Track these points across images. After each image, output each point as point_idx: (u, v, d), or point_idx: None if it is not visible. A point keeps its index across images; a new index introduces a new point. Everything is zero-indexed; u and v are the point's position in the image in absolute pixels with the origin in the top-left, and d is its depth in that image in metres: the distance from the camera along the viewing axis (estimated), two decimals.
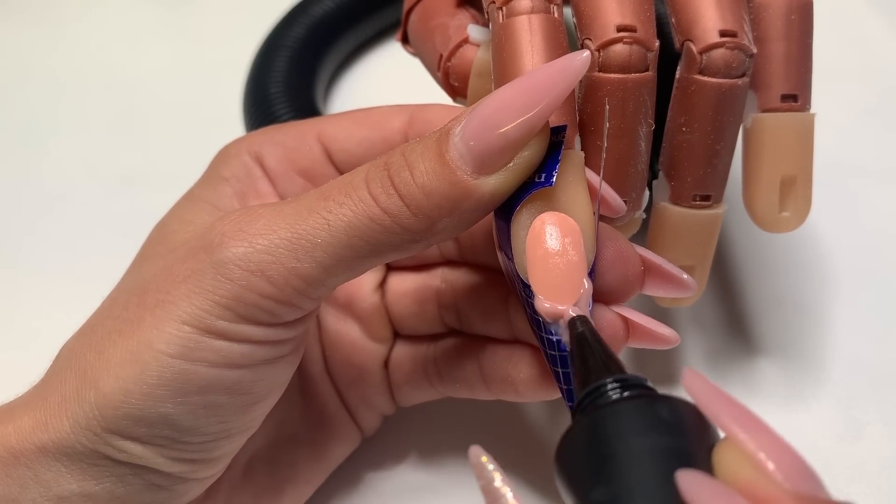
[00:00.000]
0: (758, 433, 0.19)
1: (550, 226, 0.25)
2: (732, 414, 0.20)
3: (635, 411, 0.20)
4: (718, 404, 0.20)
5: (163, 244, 0.29)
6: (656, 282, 0.28)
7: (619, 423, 0.20)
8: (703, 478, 0.18)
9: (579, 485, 0.20)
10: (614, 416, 0.20)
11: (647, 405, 0.20)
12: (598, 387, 0.21)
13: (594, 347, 0.23)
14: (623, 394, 0.21)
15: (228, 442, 0.27)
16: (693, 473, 0.18)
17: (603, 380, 0.21)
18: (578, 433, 0.21)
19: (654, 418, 0.20)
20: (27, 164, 0.50)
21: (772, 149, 0.31)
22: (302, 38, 0.50)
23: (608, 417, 0.20)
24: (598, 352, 0.23)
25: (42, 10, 0.59)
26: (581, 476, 0.20)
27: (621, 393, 0.21)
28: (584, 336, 0.24)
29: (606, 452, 0.20)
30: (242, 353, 0.25)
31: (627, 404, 0.20)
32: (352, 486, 0.35)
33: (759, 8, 0.31)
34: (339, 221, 0.24)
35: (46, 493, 0.26)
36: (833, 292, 0.41)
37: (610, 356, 0.23)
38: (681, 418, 0.20)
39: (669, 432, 0.20)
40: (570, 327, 0.25)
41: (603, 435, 0.20)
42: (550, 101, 0.24)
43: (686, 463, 0.19)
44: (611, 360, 0.23)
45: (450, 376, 0.32)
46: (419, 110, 0.31)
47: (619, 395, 0.21)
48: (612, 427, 0.20)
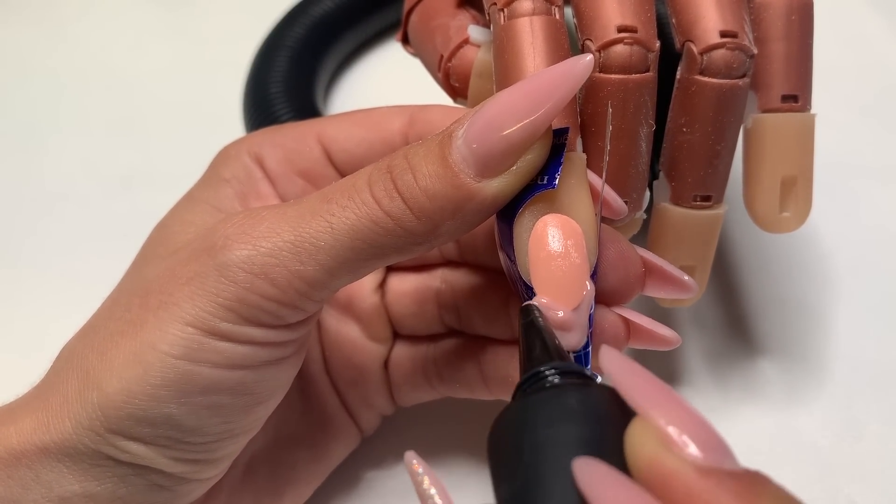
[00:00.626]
0: (667, 407, 0.19)
1: (553, 228, 0.25)
2: (644, 390, 0.19)
3: (542, 401, 0.20)
4: (631, 381, 0.20)
5: (163, 245, 0.29)
6: (657, 283, 0.28)
7: (527, 414, 0.20)
8: (597, 464, 0.18)
9: (494, 476, 0.20)
10: (523, 410, 0.20)
11: (555, 395, 0.20)
12: (537, 373, 0.21)
13: (541, 334, 0.23)
14: (552, 382, 0.21)
15: (231, 442, 0.27)
16: (588, 461, 0.18)
17: (539, 367, 0.21)
18: (508, 416, 0.21)
19: (560, 407, 0.19)
20: (27, 165, 0.50)
21: (772, 149, 0.31)
22: (302, 38, 0.50)
23: (518, 410, 0.20)
24: (543, 340, 0.23)
25: (42, 9, 0.59)
26: (495, 467, 0.20)
27: (550, 382, 0.21)
28: (532, 324, 0.24)
29: (515, 444, 0.19)
30: (245, 355, 0.25)
31: (537, 396, 0.20)
32: (352, 486, 0.36)
33: (759, 8, 0.31)
34: (342, 224, 0.24)
35: (48, 493, 0.26)
36: (833, 292, 0.41)
37: (555, 344, 0.23)
38: (592, 406, 0.20)
39: (576, 420, 0.19)
40: (522, 314, 0.24)
41: (514, 427, 0.20)
42: (554, 105, 0.24)
43: (591, 452, 0.18)
44: (554, 349, 0.22)
45: (450, 377, 0.32)
46: (419, 111, 0.31)
47: (544, 384, 0.21)
48: (521, 418, 0.20)
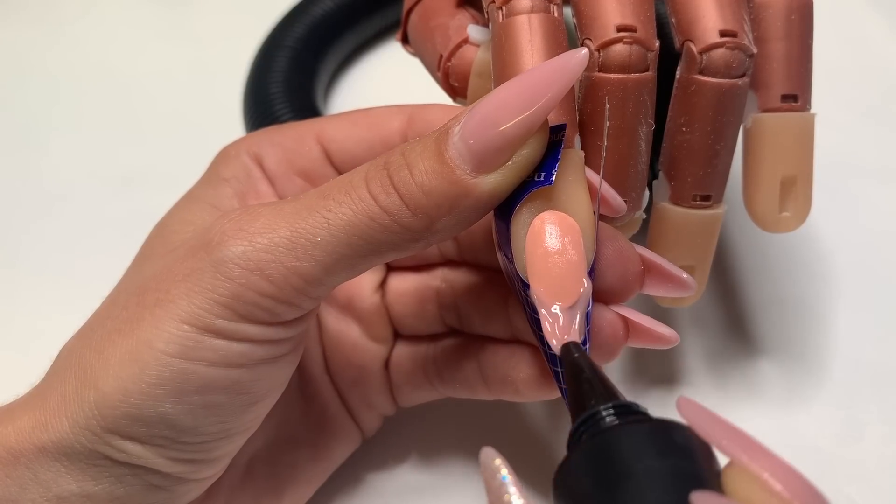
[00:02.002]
0: (760, 456, 0.20)
1: (550, 225, 0.25)
2: (733, 438, 0.20)
3: (650, 433, 0.20)
4: (719, 429, 0.20)
5: (163, 244, 0.29)
6: (656, 281, 0.28)
7: (635, 444, 0.20)
8: (718, 498, 0.18)
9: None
10: (629, 437, 0.20)
11: (661, 428, 0.20)
12: (596, 413, 0.21)
13: (589, 374, 0.23)
14: (624, 419, 0.21)
15: (228, 442, 0.27)
16: (708, 494, 0.18)
17: (599, 406, 0.21)
18: (584, 457, 0.20)
19: (668, 440, 0.20)
20: (27, 164, 0.50)
21: (772, 149, 0.31)
22: (302, 38, 0.50)
23: (623, 438, 0.20)
24: (593, 379, 0.23)
25: (41, 9, 0.59)
26: (591, 500, 0.20)
27: (620, 418, 0.21)
28: (578, 362, 0.24)
29: (622, 472, 0.19)
30: (242, 353, 0.25)
31: (640, 426, 0.20)
32: (353, 487, 0.35)
33: (759, 8, 0.31)
34: (338, 220, 0.24)
35: (46, 493, 0.26)
36: (833, 292, 0.41)
37: (606, 382, 0.23)
38: (691, 442, 0.20)
39: (683, 455, 0.20)
40: (564, 353, 0.25)
41: (617, 456, 0.20)
42: (549, 99, 0.24)
43: (699, 486, 0.19)
44: (607, 387, 0.22)
45: (450, 376, 0.32)
46: (418, 111, 0.31)
47: (619, 419, 0.21)
48: (628, 447, 0.20)
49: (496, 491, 0.21)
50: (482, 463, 0.21)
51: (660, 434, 0.20)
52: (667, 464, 0.19)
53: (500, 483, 0.21)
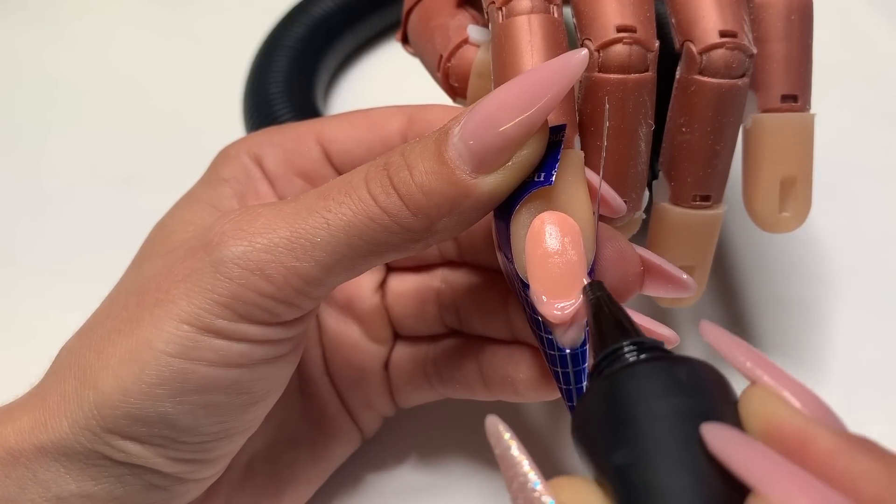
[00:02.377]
0: (779, 376, 0.20)
1: (550, 225, 0.25)
2: (754, 359, 0.21)
3: (652, 373, 0.20)
4: (740, 351, 0.21)
5: (162, 244, 0.29)
6: (656, 282, 0.28)
7: (637, 386, 0.20)
8: (727, 428, 0.18)
9: (599, 449, 0.20)
10: (632, 379, 0.20)
11: (665, 367, 0.20)
12: (615, 350, 0.21)
13: (610, 311, 0.23)
14: (640, 356, 0.21)
15: (227, 442, 0.27)
16: (717, 425, 0.18)
17: (618, 343, 0.21)
18: (595, 398, 0.21)
19: (671, 380, 0.20)
20: (27, 164, 0.50)
21: (772, 149, 0.31)
22: (302, 38, 0.50)
23: (626, 380, 0.20)
24: (614, 316, 0.23)
25: (41, 9, 0.59)
26: (600, 440, 0.20)
27: (638, 356, 0.21)
28: (599, 301, 0.24)
29: (626, 415, 0.19)
30: (241, 353, 0.25)
31: (644, 367, 0.20)
32: (352, 487, 0.36)
33: (759, 8, 0.31)
34: (338, 221, 0.24)
35: (45, 493, 0.26)
36: (833, 292, 0.41)
37: (627, 320, 0.23)
38: (699, 378, 0.20)
39: (687, 393, 0.20)
40: (586, 294, 0.24)
41: (621, 398, 0.20)
42: (549, 100, 0.24)
43: (708, 419, 0.19)
44: (628, 324, 0.22)
45: (450, 377, 0.32)
46: (418, 111, 0.31)
47: (636, 357, 0.21)
48: (631, 390, 0.20)
49: (509, 460, 0.20)
50: (489, 432, 0.21)
51: (664, 372, 0.20)
52: (669, 403, 0.19)
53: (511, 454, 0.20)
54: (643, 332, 0.22)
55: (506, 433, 0.21)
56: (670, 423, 0.19)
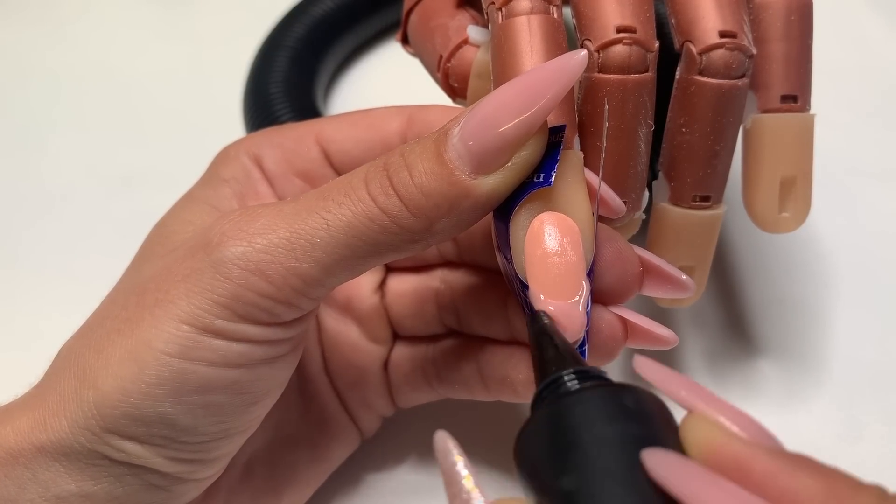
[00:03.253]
0: (715, 403, 0.21)
1: (549, 226, 0.25)
2: (690, 389, 0.21)
3: (598, 399, 0.20)
4: (675, 383, 0.21)
5: (162, 244, 0.29)
6: (655, 282, 0.28)
7: (584, 411, 0.20)
8: (666, 453, 0.19)
9: (543, 474, 0.20)
10: (578, 405, 0.20)
11: (610, 393, 0.20)
12: (557, 378, 0.21)
13: (554, 340, 0.23)
14: (583, 384, 0.21)
15: (227, 442, 0.27)
16: (657, 450, 0.19)
17: (561, 371, 0.22)
18: (540, 424, 0.21)
19: (616, 406, 0.20)
20: (27, 164, 0.50)
21: (772, 149, 0.31)
22: (302, 38, 0.50)
23: (572, 406, 0.20)
24: (557, 344, 0.23)
25: (42, 9, 0.59)
26: (544, 466, 0.20)
27: (581, 384, 0.21)
28: (544, 329, 0.24)
29: (572, 440, 0.20)
30: (241, 353, 0.25)
31: (591, 392, 0.21)
32: (352, 487, 0.36)
33: (758, 8, 0.31)
34: (337, 221, 0.24)
35: (45, 493, 0.26)
36: (833, 292, 0.41)
37: (569, 349, 0.23)
38: (643, 405, 0.20)
39: (632, 419, 0.20)
40: (532, 322, 0.25)
41: (568, 424, 0.20)
42: (548, 101, 0.24)
43: (650, 445, 0.19)
44: (570, 353, 0.23)
45: (449, 377, 0.32)
46: (418, 112, 0.31)
47: (579, 385, 0.21)
48: (577, 415, 0.20)
49: (452, 479, 0.21)
50: (436, 448, 0.21)
51: (611, 399, 0.20)
52: (616, 429, 0.20)
53: (456, 471, 0.21)
54: (584, 362, 0.22)
55: (454, 450, 0.21)
56: (616, 448, 0.19)
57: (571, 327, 0.25)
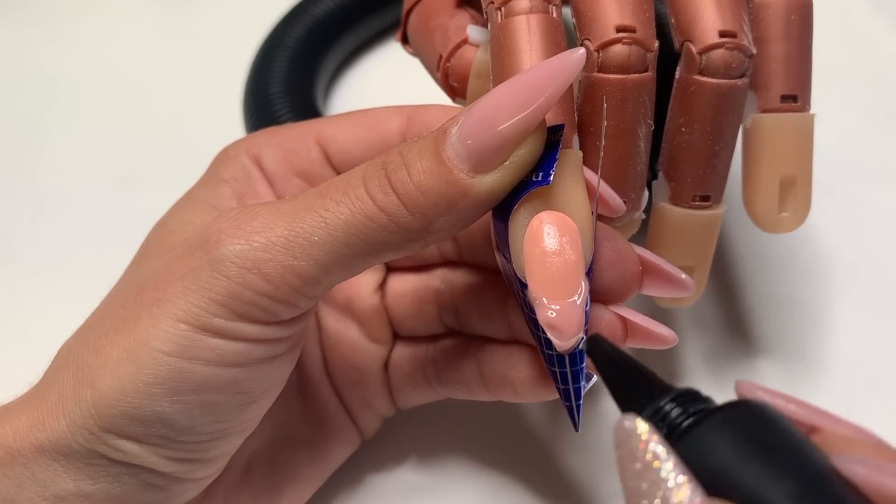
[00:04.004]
0: (834, 421, 0.21)
1: (548, 225, 0.25)
2: (810, 409, 0.21)
3: (765, 410, 0.20)
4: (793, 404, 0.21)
5: (161, 244, 0.29)
6: (655, 282, 0.28)
7: (765, 418, 0.20)
8: (861, 458, 0.19)
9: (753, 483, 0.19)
10: (757, 412, 0.20)
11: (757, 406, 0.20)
12: (691, 392, 0.20)
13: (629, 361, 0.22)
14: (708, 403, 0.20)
15: (225, 442, 0.27)
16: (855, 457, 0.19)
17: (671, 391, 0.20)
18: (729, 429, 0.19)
19: (773, 416, 0.20)
20: (26, 164, 0.50)
21: (771, 149, 0.31)
22: (302, 38, 0.50)
23: (757, 411, 0.20)
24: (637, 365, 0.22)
25: (41, 9, 0.59)
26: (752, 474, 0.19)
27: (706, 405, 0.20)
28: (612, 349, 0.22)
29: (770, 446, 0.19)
30: (238, 352, 0.25)
31: (749, 405, 0.20)
32: (352, 487, 0.36)
33: (758, 8, 0.31)
34: (336, 220, 0.24)
35: (43, 492, 0.26)
36: (833, 292, 0.41)
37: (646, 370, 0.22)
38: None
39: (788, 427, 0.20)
40: (594, 345, 0.23)
41: (760, 430, 0.19)
42: (546, 99, 0.24)
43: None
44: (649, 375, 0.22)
45: (449, 377, 0.32)
46: (417, 111, 0.31)
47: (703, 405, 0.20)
48: (765, 422, 0.19)
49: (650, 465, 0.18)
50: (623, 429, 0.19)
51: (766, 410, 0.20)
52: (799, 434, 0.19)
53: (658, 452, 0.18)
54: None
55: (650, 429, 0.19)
56: (808, 451, 0.19)
57: (570, 327, 0.25)
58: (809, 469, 0.19)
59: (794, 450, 0.19)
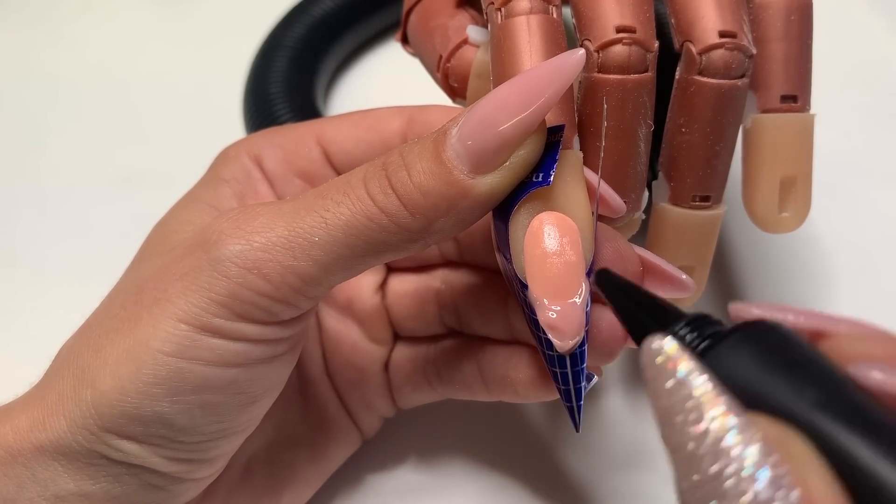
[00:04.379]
0: (841, 321, 0.20)
1: (548, 225, 0.25)
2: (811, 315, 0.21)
3: (779, 326, 0.20)
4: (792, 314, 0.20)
5: (162, 244, 0.29)
6: (655, 282, 0.28)
7: (783, 336, 0.19)
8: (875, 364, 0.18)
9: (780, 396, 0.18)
10: (775, 331, 0.19)
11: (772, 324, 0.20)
12: (704, 316, 0.20)
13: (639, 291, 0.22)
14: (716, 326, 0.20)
15: (225, 442, 0.27)
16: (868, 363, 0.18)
17: (685, 316, 0.20)
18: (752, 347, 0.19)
19: (788, 331, 0.20)
20: (27, 164, 0.50)
21: (771, 149, 0.31)
22: (302, 38, 0.50)
23: (774, 330, 0.19)
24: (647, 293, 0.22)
25: (41, 9, 0.59)
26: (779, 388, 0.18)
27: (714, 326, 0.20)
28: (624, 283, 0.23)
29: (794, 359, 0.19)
30: (238, 352, 0.25)
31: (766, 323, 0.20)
32: (352, 487, 0.36)
33: (758, 8, 0.31)
34: (336, 220, 0.24)
35: (44, 492, 0.26)
36: (833, 292, 0.41)
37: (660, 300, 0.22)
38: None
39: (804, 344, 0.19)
40: (602, 277, 0.23)
41: (777, 346, 0.19)
42: (546, 100, 0.24)
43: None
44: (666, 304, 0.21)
45: (449, 377, 0.32)
46: (418, 112, 0.31)
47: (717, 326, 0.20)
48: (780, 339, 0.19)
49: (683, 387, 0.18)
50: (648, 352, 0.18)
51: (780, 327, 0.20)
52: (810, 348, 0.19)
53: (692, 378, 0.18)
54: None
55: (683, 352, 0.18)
56: (823, 362, 0.19)
57: (571, 327, 0.25)
58: (829, 379, 0.19)
59: (811, 361, 0.19)
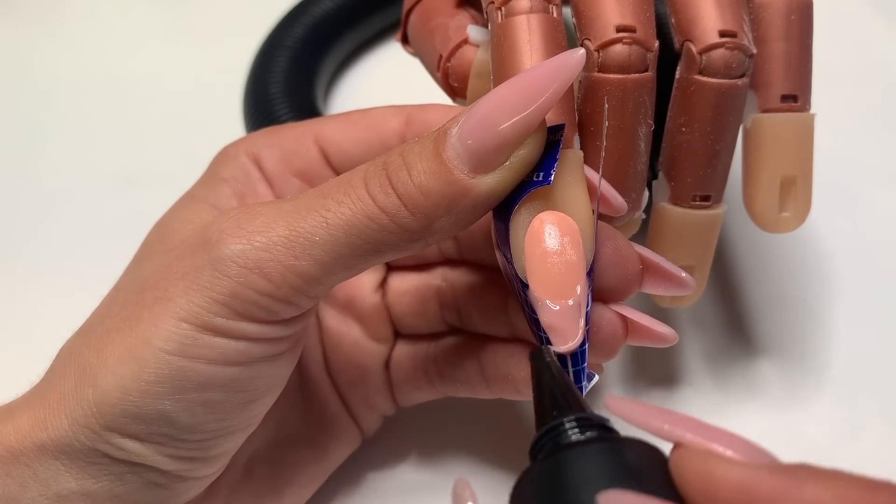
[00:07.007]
0: (703, 430, 0.20)
1: (549, 225, 0.25)
2: (673, 421, 0.20)
3: (599, 455, 0.19)
4: (655, 417, 0.20)
5: (162, 243, 0.29)
6: (655, 280, 0.28)
7: (583, 469, 0.19)
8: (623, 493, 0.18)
9: None
10: (578, 460, 0.19)
11: (612, 449, 0.20)
12: (558, 425, 0.21)
13: (556, 380, 0.23)
14: (585, 433, 0.20)
15: (227, 440, 0.27)
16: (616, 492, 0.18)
17: (562, 417, 0.21)
18: (538, 477, 0.20)
19: (618, 463, 0.19)
20: (27, 165, 0.50)
21: (772, 149, 0.31)
22: (302, 38, 0.50)
23: (573, 461, 0.19)
24: (560, 385, 0.22)
25: (41, 9, 0.59)
26: None
27: (582, 433, 0.20)
28: (546, 367, 0.23)
29: (570, 500, 0.19)
30: (239, 351, 0.25)
31: (591, 447, 0.20)
32: (353, 486, 0.36)
33: (758, 8, 0.31)
34: (337, 220, 0.24)
35: (46, 491, 0.26)
36: (833, 292, 0.41)
37: (571, 391, 0.22)
38: (645, 461, 0.19)
39: (634, 478, 0.19)
40: (534, 359, 0.24)
41: (566, 482, 0.19)
42: (546, 99, 0.24)
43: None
44: (572, 396, 0.22)
45: (450, 375, 0.32)
46: (417, 111, 0.31)
47: (581, 434, 0.20)
48: (576, 473, 0.19)
49: None
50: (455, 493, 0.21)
51: (611, 455, 0.19)
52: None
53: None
54: (587, 406, 0.21)
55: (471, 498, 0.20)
56: None
57: (571, 327, 0.25)
58: None
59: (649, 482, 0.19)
